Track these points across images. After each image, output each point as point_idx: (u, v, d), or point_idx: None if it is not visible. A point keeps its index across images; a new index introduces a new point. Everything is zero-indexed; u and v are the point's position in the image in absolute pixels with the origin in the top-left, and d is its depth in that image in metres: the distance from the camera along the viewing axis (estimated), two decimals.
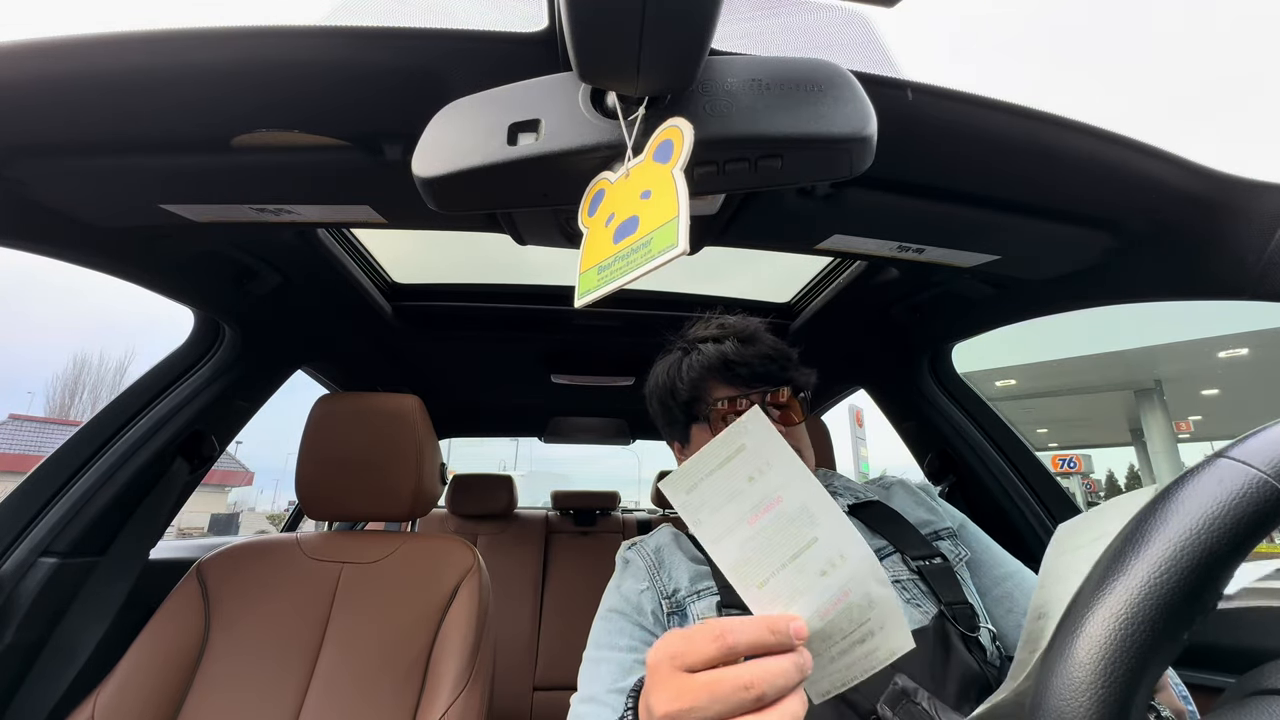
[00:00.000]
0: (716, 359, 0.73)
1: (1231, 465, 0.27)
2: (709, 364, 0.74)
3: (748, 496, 0.40)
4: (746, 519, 0.39)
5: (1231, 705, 0.27)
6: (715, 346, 0.74)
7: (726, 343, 0.74)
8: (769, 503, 0.40)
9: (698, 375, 0.75)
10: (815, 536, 0.39)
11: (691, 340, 0.79)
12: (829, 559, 0.39)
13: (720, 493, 0.40)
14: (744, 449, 0.40)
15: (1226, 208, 0.64)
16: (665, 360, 0.81)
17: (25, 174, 0.64)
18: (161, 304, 1.03)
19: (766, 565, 0.39)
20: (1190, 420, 11.67)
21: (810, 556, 0.39)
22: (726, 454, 0.40)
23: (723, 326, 0.78)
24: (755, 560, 0.39)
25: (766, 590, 0.39)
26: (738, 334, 0.76)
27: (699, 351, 0.76)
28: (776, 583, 0.39)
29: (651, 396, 0.84)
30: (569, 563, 2.15)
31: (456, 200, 0.48)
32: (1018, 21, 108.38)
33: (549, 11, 0.49)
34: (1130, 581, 0.26)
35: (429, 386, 1.78)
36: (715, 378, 0.74)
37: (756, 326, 0.78)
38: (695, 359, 0.75)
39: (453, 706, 0.84)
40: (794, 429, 0.75)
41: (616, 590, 0.73)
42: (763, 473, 0.40)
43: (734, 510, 0.40)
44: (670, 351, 0.82)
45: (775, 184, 0.47)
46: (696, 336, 0.79)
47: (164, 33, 0.50)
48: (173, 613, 0.92)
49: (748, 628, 0.35)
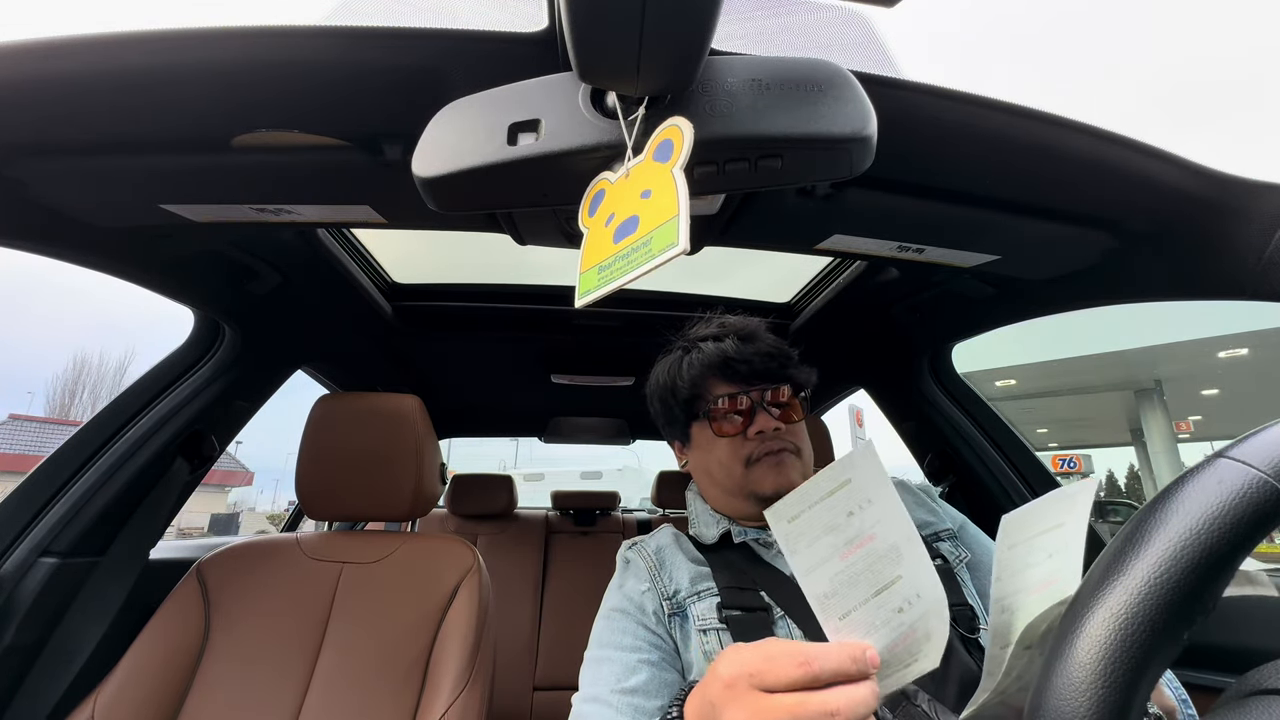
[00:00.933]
0: (716, 356, 0.74)
1: (1231, 465, 0.27)
2: (709, 361, 0.75)
3: (844, 531, 0.41)
4: (840, 553, 0.41)
5: (1231, 705, 0.27)
6: (715, 345, 0.75)
7: (727, 340, 0.75)
8: (862, 539, 0.41)
9: (698, 373, 0.75)
10: (899, 574, 0.40)
11: (692, 339, 0.79)
12: (907, 597, 0.40)
13: (820, 525, 0.41)
14: (849, 483, 0.41)
15: (1226, 208, 0.64)
16: (666, 359, 0.82)
17: (25, 174, 0.64)
18: (162, 304, 1.03)
19: (851, 599, 0.41)
20: (1190, 420, 11.66)
21: (891, 593, 0.40)
22: (831, 487, 0.41)
23: (723, 325, 0.79)
24: (841, 594, 0.41)
25: (847, 622, 0.40)
26: (738, 332, 0.76)
27: (699, 350, 0.76)
28: (857, 616, 0.40)
29: (652, 396, 0.84)
30: (569, 563, 2.15)
31: (456, 200, 0.48)
32: (1018, 21, 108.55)
33: (549, 11, 0.49)
34: (1130, 581, 0.26)
35: (429, 386, 1.78)
36: (715, 375, 0.75)
37: (757, 325, 0.79)
38: (695, 357, 0.76)
39: (453, 706, 0.84)
40: (794, 427, 0.75)
41: (619, 590, 0.73)
42: (863, 509, 0.41)
43: (829, 543, 0.41)
44: (671, 351, 0.82)
45: (775, 184, 0.47)
46: (697, 335, 0.79)
47: (164, 33, 0.50)
48: (173, 613, 0.92)
49: (831, 655, 0.36)
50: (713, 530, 0.76)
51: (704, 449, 0.78)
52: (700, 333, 0.79)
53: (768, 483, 0.72)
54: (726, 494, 0.76)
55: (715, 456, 0.76)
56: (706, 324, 0.81)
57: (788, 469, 0.72)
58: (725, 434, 0.74)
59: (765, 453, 0.72)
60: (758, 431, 0.72)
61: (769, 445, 0.72)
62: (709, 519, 0.78)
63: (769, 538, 0.73)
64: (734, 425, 0.74)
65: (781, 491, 0.73)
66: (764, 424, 0.72)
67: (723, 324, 0.79)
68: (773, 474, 0.72)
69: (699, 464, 0.80)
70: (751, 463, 0.73)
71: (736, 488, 0.74)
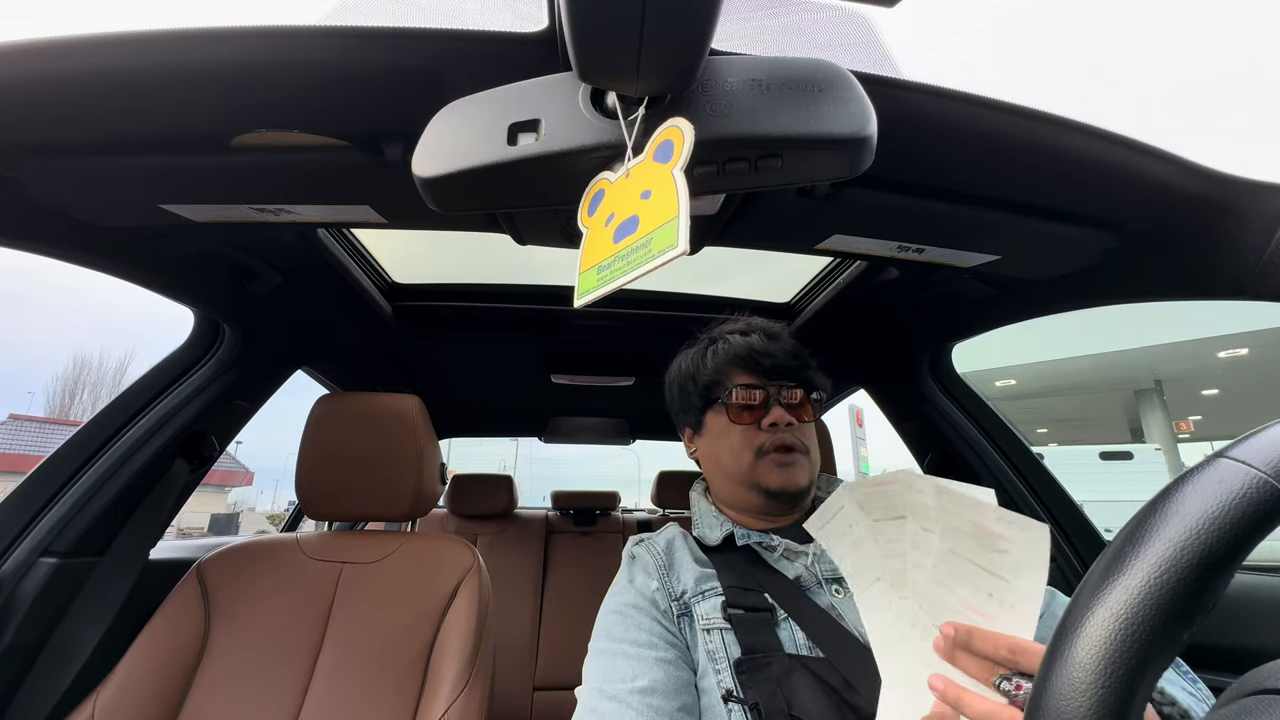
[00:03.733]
0: (743, 349, 0.79)
1: (1231, 465, 0.27)
2: (734, 353, 0.79)
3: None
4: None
5: (1231, 705, 0.27)
6: (742, 338, 0.80)
7: (753, 336, 0.80)
8: None
9: (722, 362, 0.80)
10: None
11: (719, 333, 0.84)
12: None
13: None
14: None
15: (1226, 208, 0.64)
16: (690, 350, 0.87)
17: (25, 174, 0.64)
18: (162, 304, 1.03)
19: None
20: (1190, 420, 11.67)
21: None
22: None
23: (749, 324, 0.84)
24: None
25: None
26: (764, 330, 0.82)
27: (726, 341, 0.81)
28: None
29: (671, 383, 0.88)
30: (569, 563, 2.15)
31: (456, 200, 0.48)
32: (1019, 21, 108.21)
33: (549, 11, 0.49)
34: (1130, 581, 0.26)
35: (429, 386, 1.78)
36: (738, 366, 0.79)
37: (781, 328, 0.84)
38: (722, 347, 0.81)
39: (453, 706, 0.84)
40: (805, 427, 0.78)
41: (630, 585, 0.72)
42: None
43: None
44: (696, 343, 0.87)
45: (775, 184, 0.47)
46: (724, 330, 0.84)
47: (164, 33, 0.50)
48: (173, 613, 0.92)
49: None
50: (716, 532, 0.76)
51: (717, 435, 0.80)
52: (726, 328, 0.84)
53: (774, 477, 0.74)
54: (733, 482, 0.78)
55: (728, 443, 0.78)
56: (734, 322, 0.85)
57: (795, 469, 0.74)
58: (741, 422, 0.77)
59: (777, 446, 0.75)
60: (771, 423, 0.75)
61: (781, 439, 0.75)
62: (713, 520, 0.79)
63: (772, 541, 0.73)
64: (750, 415, 0.77)
65: (787, 489, 0.74)
66: (778, 416, 0.75)
67: (749, 323, 0.84)
68: (780, 471, 0.74)
69: (709, 451, 0.82)
70: (762, 454, 0.75)
71: (744, 476, 0.76)
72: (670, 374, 0.89)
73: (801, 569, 0.70)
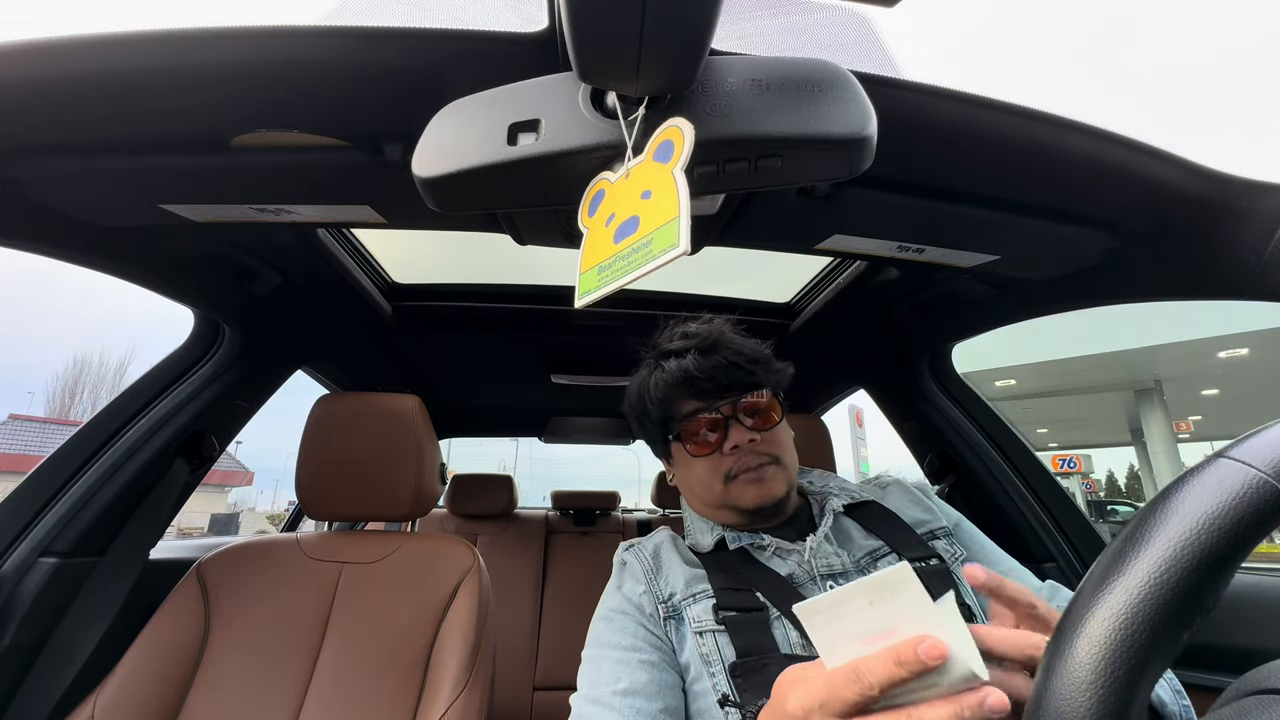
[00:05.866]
0: (679, 375, 0.72)
1: (1231, 465, 0.27)
2: (671, 381, 0.73)
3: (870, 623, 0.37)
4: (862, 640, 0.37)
5: (1231, 705, 0.27)
6: (677, 362, 0.73)
7: (688, 356, 0.72)
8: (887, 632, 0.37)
9: (663, 394, 0.74)
10: None
11: (657, 355, 0.77)
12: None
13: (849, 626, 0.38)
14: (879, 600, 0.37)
15: (1227, 208, 0.64)
16: (636, 377, 0.80)
17: (25, 174, 0.64)
18: (162, 304, 1.03)
19: None
20: (1190, 420, 11.68)
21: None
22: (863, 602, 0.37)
23: (686, 336, 0.76)
24: None
25: None
26: (700, 344, 0.73)
27: (662, 369, 0.74)
28: None
29: (630, 416, 0.83)
30: (569, 563, 2.15)
31: (456, 200, 0.48)
32: (1019, 21, 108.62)
33: (549, 11, 0.49)
34: (1130, 581, 0.26)
35: (429, 386, 1.78)
36: (681, 394, 0.74)
37: (720, 332, 0.75)
38: (659, 376, 0.74)
39: (453, 706, 0.84)
40: (772, 433, 0.74)
41: (618, 591, 0.73)
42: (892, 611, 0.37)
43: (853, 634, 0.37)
44: (640, 366, 0.80)
45: (775, 184, 0.47)
46: (661, 351, 0.77)
47: (164, 33, 0.50)
48: (173, 613, 0.92)
49: (876, 663, 0.34)
50: (707, 538, 0.76)
51: (684, 466, 0.78)
52: (665, 346, 0.77)
53: (748, 496, 0.72)
54: (711, 508, 0.77)
55: (695, 474, 0.75)
56: (670, 335, 0.78)
57: (768, 483, 0.72)
58: (700, 454, 0.74)
59: (743, 469, 0.72)
60: (733, 447, 0.71)
61: (746, 461, 0.72)
62: (703, 526, 0.78)
63: (763, 540, 0.73)
64: (708, 443, 0.73)
65: (763, 504, 0.71)
66: (738, 438, 0.71)
67: (685, 333, 0.76)
68: (754, 488, 0.71)
69: (683, 480, 0.80)
70: (730, 478, 0.72)
71: (718, 501, 0.74)
72: (625, 407, 0.82)
73: (794, 566, 0.69)
